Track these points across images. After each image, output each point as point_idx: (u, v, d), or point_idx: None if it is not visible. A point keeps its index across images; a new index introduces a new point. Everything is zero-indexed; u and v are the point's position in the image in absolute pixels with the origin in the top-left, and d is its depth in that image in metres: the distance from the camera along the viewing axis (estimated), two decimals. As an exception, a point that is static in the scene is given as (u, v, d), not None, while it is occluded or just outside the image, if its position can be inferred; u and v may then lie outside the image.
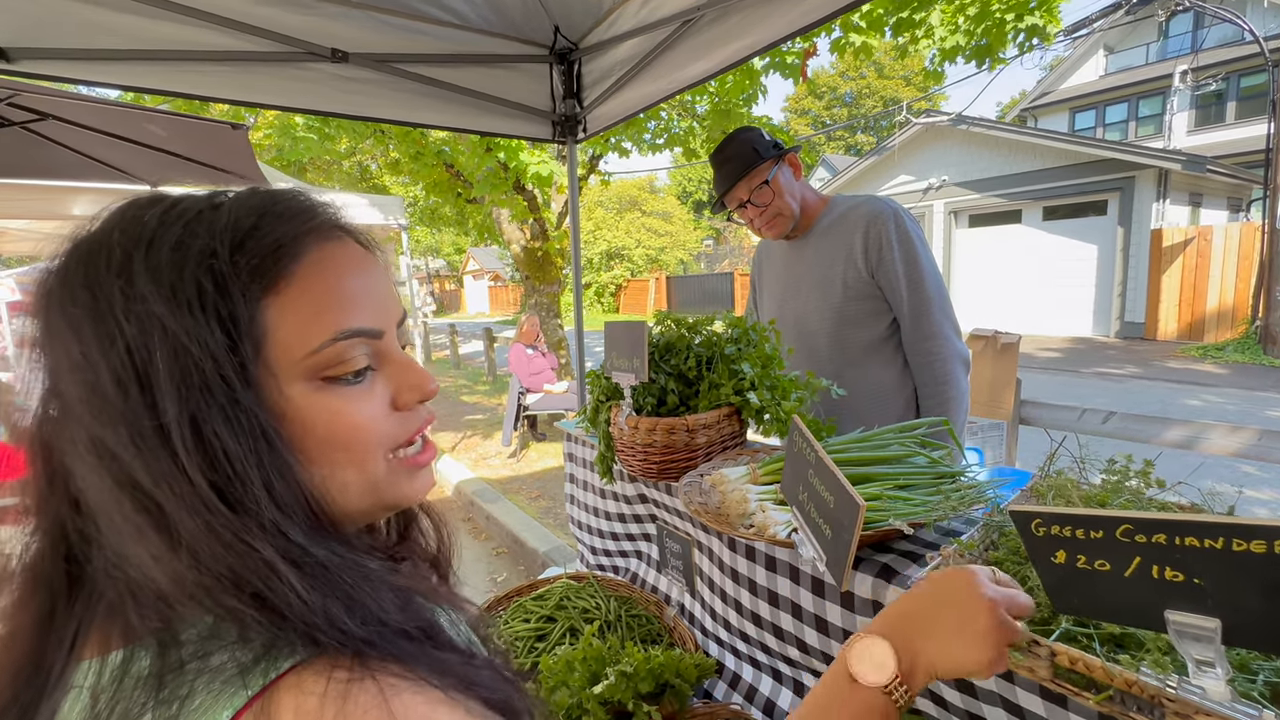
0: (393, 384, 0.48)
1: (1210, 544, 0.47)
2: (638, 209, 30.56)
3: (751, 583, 1.26)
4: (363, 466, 0.45)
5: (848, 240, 1.69)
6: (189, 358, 0.38)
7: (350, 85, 2.11)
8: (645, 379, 1.38)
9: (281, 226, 0.43)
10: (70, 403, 0.39)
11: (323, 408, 0.43)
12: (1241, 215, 13.68)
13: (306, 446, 0.43)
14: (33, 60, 1.71)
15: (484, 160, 5.62)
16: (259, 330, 0.40)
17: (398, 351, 0.49)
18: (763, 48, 1.85)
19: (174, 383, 0.38)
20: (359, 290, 0.46)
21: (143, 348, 0.38)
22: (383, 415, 0.47)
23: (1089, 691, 0.64)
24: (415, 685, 0.37)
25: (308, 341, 0.42)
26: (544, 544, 3.66)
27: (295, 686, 0.35)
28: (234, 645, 0.37)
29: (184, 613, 0.38)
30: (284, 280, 0.42)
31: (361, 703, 0.35)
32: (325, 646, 0.37)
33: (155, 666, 0.36)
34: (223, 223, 0.41)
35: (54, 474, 0.41)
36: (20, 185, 3.54)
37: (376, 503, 0.48)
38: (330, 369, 0.43)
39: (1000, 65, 4.63)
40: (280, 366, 0.41)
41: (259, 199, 0.45)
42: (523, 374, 5.96)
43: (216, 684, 0.35)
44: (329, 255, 0.45)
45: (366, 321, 0.45)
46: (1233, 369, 8.90)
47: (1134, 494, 0.87)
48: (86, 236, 0.42)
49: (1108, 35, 17.99)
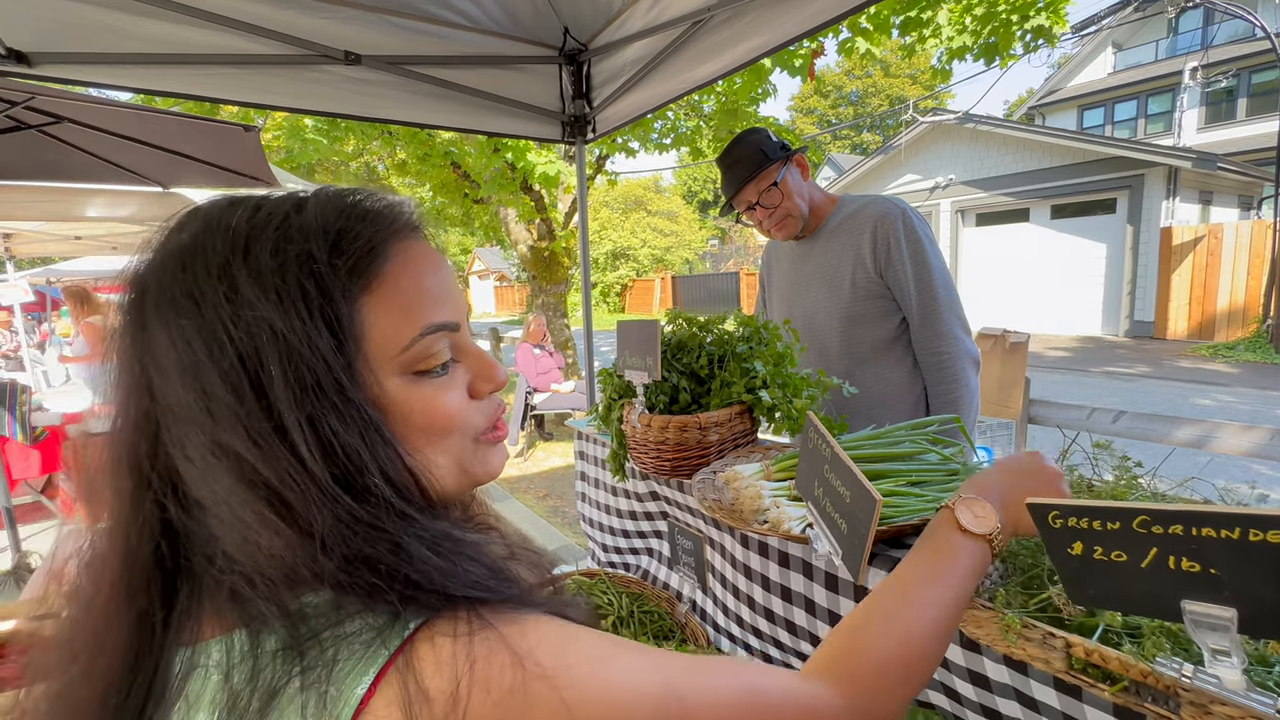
0: (470, 374, 0.51)
1: (1227, 534, 0.48)
2: (643, 209, 30.56)
3: (764, 579, 1.27)
4: (454, 452, 0.49)
5: (856, 240, 1.69)
6: (300, 359, 0.40)
7: (362, 87, 2.13)
8: (658, 377, 1.39)
9: (370, 227, 0.45)
10: (181, 409, 0.40)
11: (417, 399, 0.46)
12: (1253, 213, 13.55)
13: (406, 436, 0.45)
14: (53, 64, 1.74)
15: (491, 160, 5.65)
16: (359, 329, 0.43)
17: (471, 343, 0.52)
18: (772, 48, 1.86)
19: (288, 384, 0.39)
20: (438, 286, 0.48)
21: (253, 351, 0.39)
22: (466, 403, 0.50)
23: (1104, 683, 0.64)
24: (526, 620, 0.41)
25: (401, 338, 0.44)
26: (552, 542, 3.68)
27: (429, 640, 0.38)
28: (363, 613, 0.39)
29: (304, 592, 0.40)
30: (377, 279, 0.44)
31: (488, 643, 0.38)
32: (443, 606, 0.40)
33: (290, 639, 0.38)
34: (313, 225, 0.43)
35: (148, 477, 0.42)
36: (34, 188, 3.59)
37: (467, 481, 0.51)
38: (420, 363, 0.46)
39: (1008, 64, 4.62)
40: (378, 362, 0.44)
41: (340, 200, 0.47)
42: (530, 374, 5.98)
43: (356, 647, 0.38)
44: (411, 253, 0.47)
45: (447, 315, 0.48)
46: (1244, 368, 8.82)
47: (1148, 490, 0.88)
48: (176, 245, 0.43)
49: (1116, 32, 17.86)
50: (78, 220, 5.27)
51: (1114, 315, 12.48)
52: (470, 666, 0.37)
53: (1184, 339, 11.34)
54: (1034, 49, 4.47)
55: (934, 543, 0.67)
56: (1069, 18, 4.33)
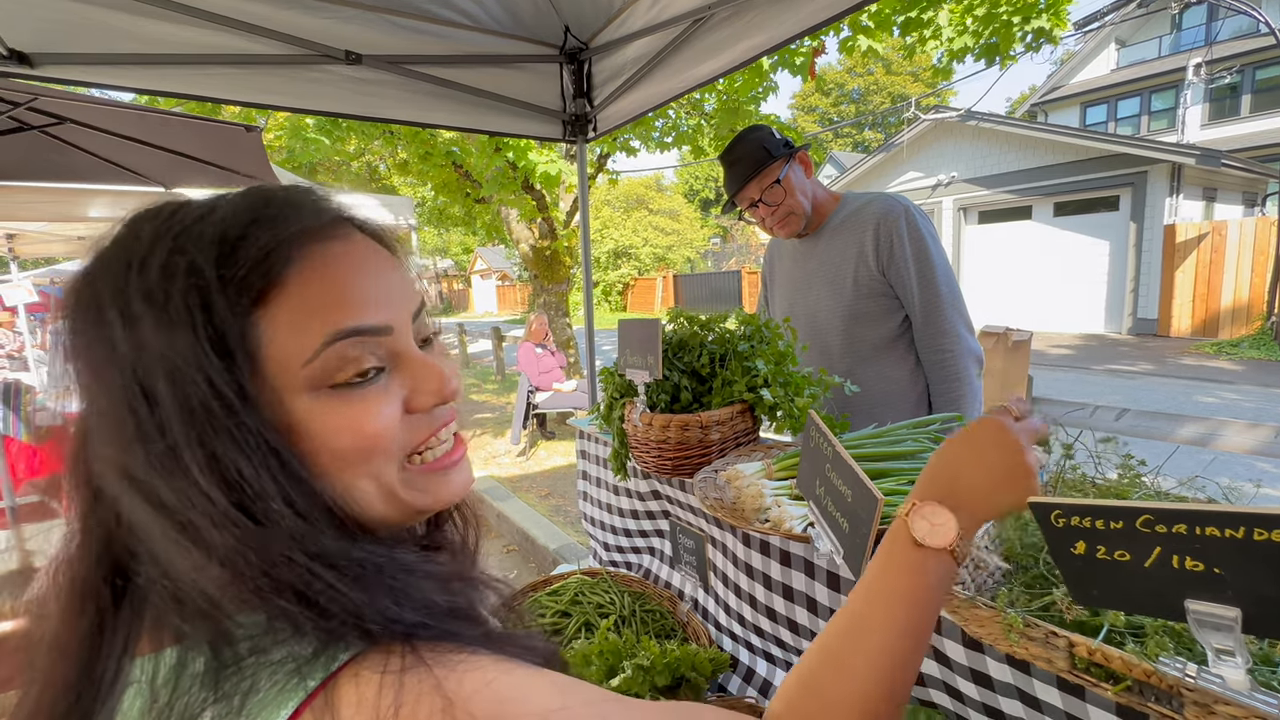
0: (408, 385, 0.45)
1: (1231, 534, 0.48)
2: (644, 207, 30.54)
3: (766, 577, 1.27)
4: (378, 476, 0.44)
5: (859, 237, 1.69)
6: (185, 381, 0.37)
7: (363, 87, 2.13)
8: (659, 376, 1.39)
9: (269, 231, 0.41)
10: (91, 426, 0.39)
11: (329, 417, 0.41)
12: (1257, 210, 13.50)
13: (320, 459, 0.41)
14: (55, 65, 1.75)
15: (493, 160, 5.65)
16: (252, 345, 0.39)
17: (413, 349, 0.46)
18: (773, 46, 1.86)
19: (176, 406, 0.37)
20: (360, 287, 0.43)
21: (146, 372, 0.37)
22: (395, 420, 0.44)
23: (1107, 683, 0.64)
24: (468, 661, 0.38)
25: (303, 350, 0.40)
26: (554, 541, 3.68)
27: (354, 677, 0.36)
28: (290, 641, 0.37)
29: (234, 613, 0.39)
30: (275, 289, 0.40)
31: (416, 688, 0.35)
32: (378, 638, 0.38)
33: (212, 664, 0.37)
34: (210, 234, 0.40)
35: (98, 491, 0.41)
36: (38, 188, 3.60)
37: (405, 509, 0.46)
38: (333, 375, 0.41)
39: (1009, 63, 4.61)
40: (280, 380, 0.40)
41: (250, 201, 0.43)
42: (532, 373, 5.99)
43: (277, 678, 0.36)
44: (326, 255, 0.43)
45: (368, 319, 0.43)
46: (1248, 365, 8.79)
47: (1152, 488, 0.87)
48: (96, 255, 0.41)
49: (1119, 28, 17.79)
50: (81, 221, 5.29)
51: (1117, 313, 12.44)
52: (395, 711, 0.34)
53: (1188, 336, 11.30)
54: (1035, 49, 4.46)
55: (889, 562, 0.59)
56: (1071, 14, 4.32)
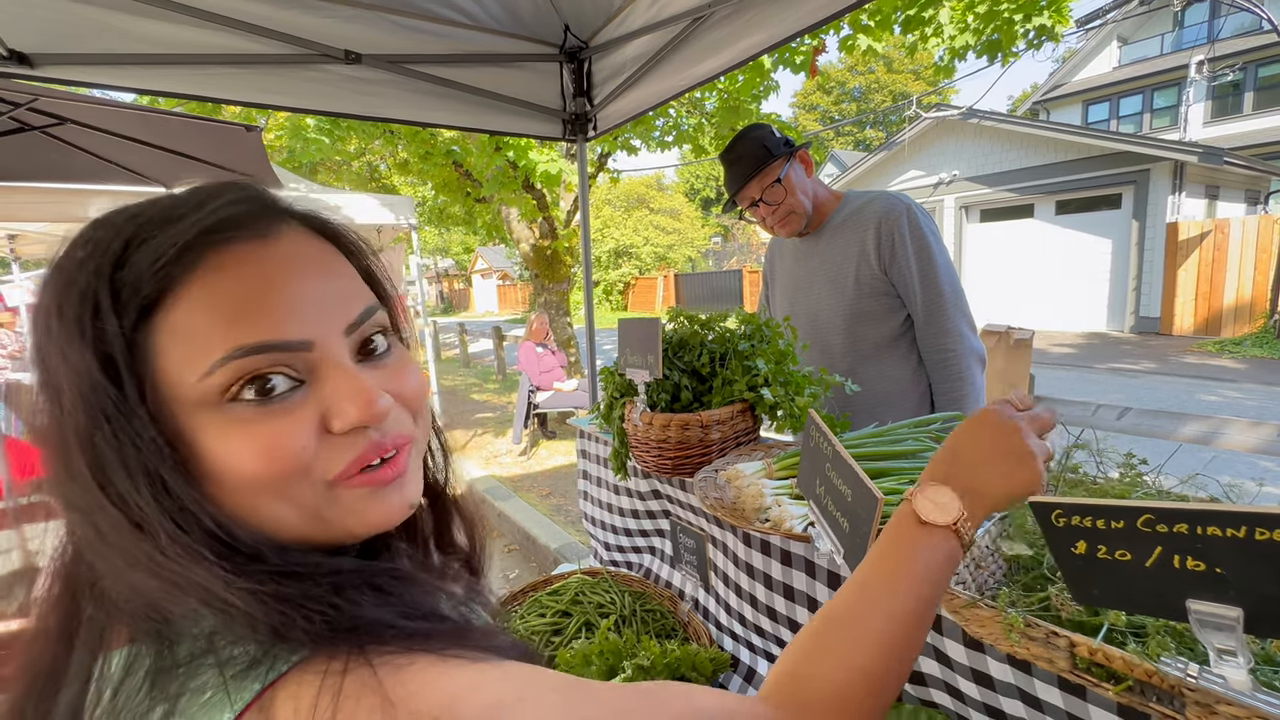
0: (325, 404, 0.41)
1: (1233, 533, 0.47)
2: (645, 206, 30.53)
3: (767, 577, 1.27)
4: (296, 499, 0.40)
5: (860, 236, 1.69)
6: (76, 390, 0.37)
7: (363, 86, 2.13)
8: (659, 375, 1.39)
9: (169, 233, 0.38)
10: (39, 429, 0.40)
11: (229, 435, 0.38)
12: (1260, 208, 13.45)
13: (223, 480, 0.39)
14: (55, 65, 1.75)
15: (493, 159, 5.65)
16: (141, 359, 0.37)
17: (343, 363, 0.42)
18: (773, 45, 1.85)
19: (71, 414, 0.37)
20: (272, 296, 0.39)
21: (57, 381, 0.37)
22: (309, 441, 0.40)
23: (1108, 683, 0.64)
24: (415, 662, 0.37)
25: (196, 366, 0.37)
26: (555, 541, 3.68)
27: (294, 683, 0.35)
28: (232, 645, 0.36)
29: (170, 617, 0.38)
30: (170, 297, 0.37)
31: (356, 691, 0.34)
32: (323, 645, 0.37)
33: (152, 666, 0.36)
34: (108, 238, 0.38)
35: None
36: (39, 189, 3.60)
37: (339, 532, 0.43)
38: (232, 392, 0.38)
39: (1011, 60, 4.59)
40: (175, 395, 0.38)
41: (175, 199, 0.40)
42: (533, 372, 5.99)
43: (217, 684, 0.35)
44: (235, 259, 0.39)
45: (281, 333, 0.39)
46: (1251, 364, 8.77)
47: (1153, 487, 0.87)
48: (53, 259, 0.41)
49: (1122, 26, 17.74)
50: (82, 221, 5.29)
51: (1119, 311, 12.41)
52: (332, 715, 0.33)
53: (1190, 335, 11.28)
54: (1037, 46, 4.45)
55: (893, 541, 0.59)
56: (1073, 11, 4.31)
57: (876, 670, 0.50)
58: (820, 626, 0.54)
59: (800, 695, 0.48)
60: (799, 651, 0.52)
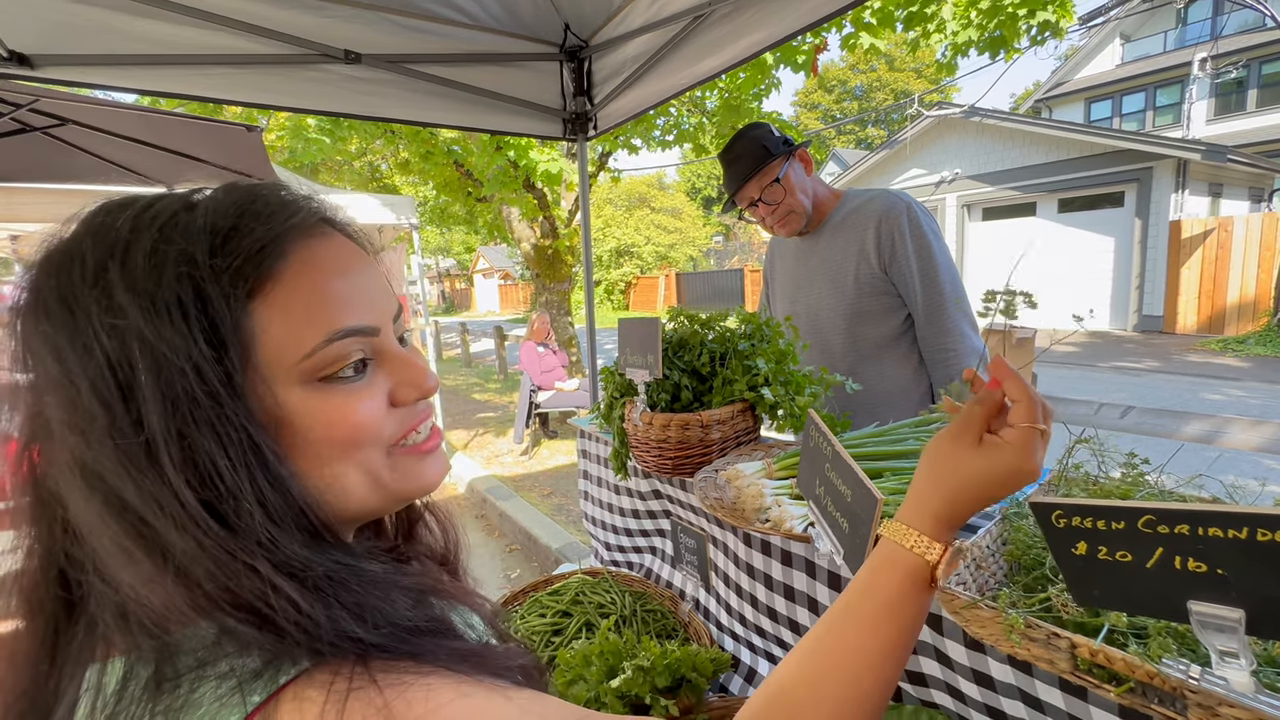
0: (392, 380, 0.47)
1: (1234, 534, 0.47)
2: (647, 206, 30.52)
3: (767, 577, 1.27)
4: (366, 465, 0.45)
5: (860, 235, 1.68)
6: (172, 370, 0.36)
7: (363, 86, 2.13)
8: (659, 375, 1.39)
9: (263, 225, 0.41)
10: (53, 423, 0.38)
11: (321, 408, 0.42)
12: (1263, 205, 13.40)
13: (306, 450, 0.42)
14: (55, 66, 1.75)
15: (494, 159, 5.65)
16: (246, 336, 0.39)
17: (395, 347, 0.48)
18: (774, 43, 1.85)
19: (158, 397, 0.36)
20: (351, 287, 0.44)
21: (124, 362, 0.36)
22: (382, 412, 0.46)
23: (1110, 684, 0.63)
24: (423, 683, 0.37)
25: (302, 344, 0.41)
26: (556, 540, 3.68)
27: (296, 698, 0.34)
28: (234, 656, 0.36)
29: (181, 628, 0.37)
30: (270, 282, 0.40)
31: (361, 711, 0.34)
32: (328, 655, 0.37)
33: (152, 679, 0.36)
34: (199, 224, 0.39)
35: (44, 498, 0.40)
36: (41, 189, 3.61)
37: (388, 497, 0.47)
38: (327, 369, 0.42)
39: (1013, 56, 4.57)
40: (273, 372, 0.40)
41: (237, 196, 0.43)
42: (534, 372, 5.99)
43: (217, 697, 0.34)
44: (316, 252, 0.43)
45: (361, 319, 0.44)
46: (1254, 362, 8.74)
47: (1155, 487, 0.86)
48: (58, 246, 0.40)
49: (1124, 23, 17.69)
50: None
51: (1122, 310, 12.38)
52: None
53: (1193, 333, 11.24)
54: (1040, 43, 4.43)
55: (871, 585, 0.57)
56: (1076, 8, 4.29)
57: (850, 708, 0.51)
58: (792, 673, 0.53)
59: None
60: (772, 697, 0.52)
